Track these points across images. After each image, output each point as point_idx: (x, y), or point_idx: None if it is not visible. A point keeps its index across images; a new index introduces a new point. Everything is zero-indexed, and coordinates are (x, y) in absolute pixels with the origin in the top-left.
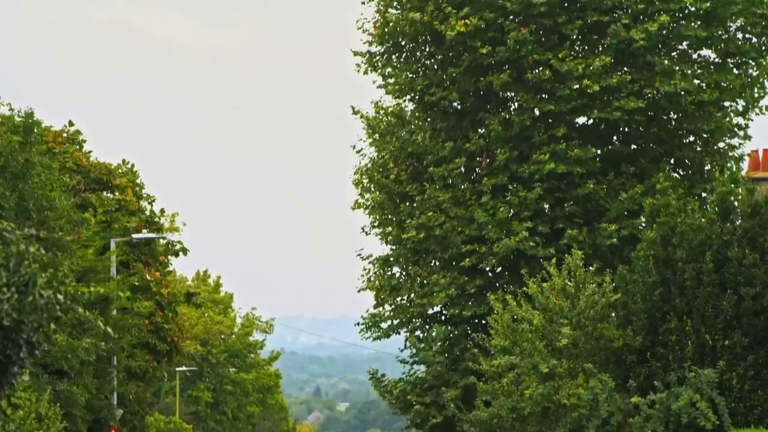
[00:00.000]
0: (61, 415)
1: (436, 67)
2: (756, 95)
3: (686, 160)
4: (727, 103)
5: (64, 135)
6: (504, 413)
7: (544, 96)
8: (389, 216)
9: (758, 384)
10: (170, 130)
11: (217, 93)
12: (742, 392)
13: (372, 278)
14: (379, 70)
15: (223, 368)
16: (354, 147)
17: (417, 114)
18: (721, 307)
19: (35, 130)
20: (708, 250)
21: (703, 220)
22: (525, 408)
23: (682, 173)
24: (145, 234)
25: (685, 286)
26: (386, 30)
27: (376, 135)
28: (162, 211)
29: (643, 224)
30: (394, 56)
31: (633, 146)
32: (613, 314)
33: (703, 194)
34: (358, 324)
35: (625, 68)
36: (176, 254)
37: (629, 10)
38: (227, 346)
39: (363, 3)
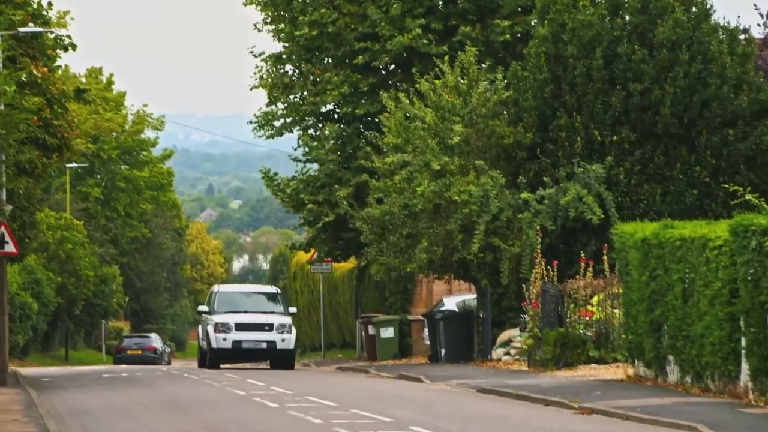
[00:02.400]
0: None
1: None
2: None
3: None
4: None
5: None
6: (396, 210)
7: None
8: (282, 12)
9: (644, 178)
10: None
11: None
12: (629, 186)
13: (264, 76)
14: None
15: (114, 165)
16: None
17: None
18: (610, 102)
19: None
20: (598, 46)
21: (593, 15)
22: (416, 205)
23: None
24: (32, 28)
25: (576, 83)
26: None
27: None
28: (50, 4)
29: (536, 21)
30: None
31: None
32: (505, 111)
33: None
34: (251, 122)
35: None
36: (65, 49)
37: None
38: (119, 143)
39: None
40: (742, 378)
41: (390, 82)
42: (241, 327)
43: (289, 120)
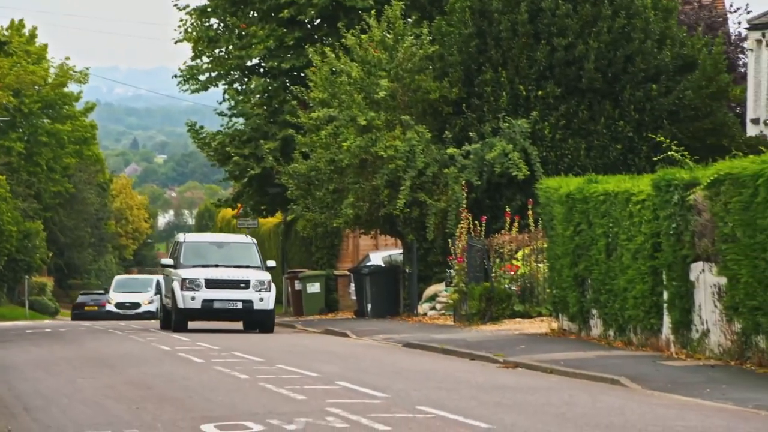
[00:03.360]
0: None
1: None
2: None
3: None
4: None
5: None
6: (322, 165)
7: None
8: None
9: (569, 133)
10: None
11: None
12: (554, 141)
13: (189, 29)
14: None
15: (37, 119)
16: None
17: None
18: (535, 57)
19: None
20: (522, 0)
21: None
22: (343, 160)
23: None
24: None
25: (501, 38)
26: None
27: None
28: None
29: None
30: None
31: None
32: (430, 66)
33: None
34: (176, 76)
35: None
36: None
37: None
38: (41, 96)
39: None
40: (664, 331)
41: (316, 37)
42: (212, 284)
43: (214, 74)
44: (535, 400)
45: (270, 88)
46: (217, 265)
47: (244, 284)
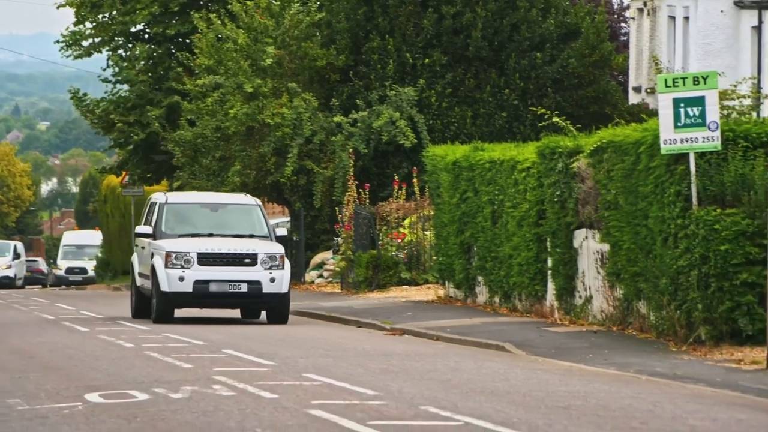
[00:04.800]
0: None
1: None
2: None
3: None
4: None
5: None
6: (208, 132)
7: None
8: None
9: (455, 101)
10: None
11: None
12: (440, 109)
13: None
14: None
15: None
16: None
17: None
18: (422, 25)
19: None
20: None
21: None
22: (229, 127)
23: None
24: None
25: (388, 5)
26: None
27: None
28: None
29: None
30: None
31: None
32: (317, 33)
33: None
34: (58, 41)
35: None
36: None
37: None
38: None
39: None
40: (548, 298)
41: (201, 2)
42: (207, 259)
43: (97, 40)
44: (422, 367)
45: (155, 54)
46: (211, 235)
47: (250, 260)
